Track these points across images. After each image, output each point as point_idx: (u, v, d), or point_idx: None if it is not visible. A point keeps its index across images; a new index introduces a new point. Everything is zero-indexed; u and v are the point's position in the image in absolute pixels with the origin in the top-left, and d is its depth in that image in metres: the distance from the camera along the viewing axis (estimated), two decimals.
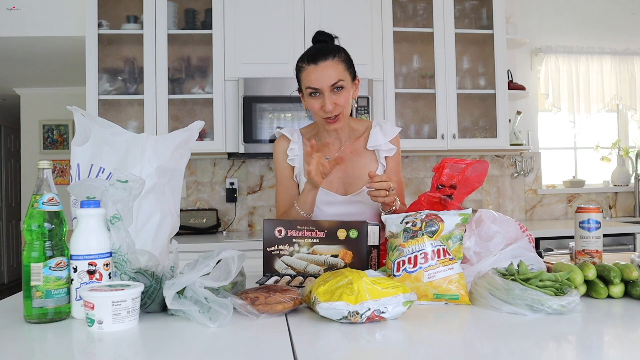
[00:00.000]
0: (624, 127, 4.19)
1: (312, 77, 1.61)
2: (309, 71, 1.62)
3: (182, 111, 3.40)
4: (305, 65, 1.63)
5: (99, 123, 1.37)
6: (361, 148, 1.75)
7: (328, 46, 1.66)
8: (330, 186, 1.70)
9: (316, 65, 1.61)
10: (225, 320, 1.05)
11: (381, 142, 1.74)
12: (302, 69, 1.64)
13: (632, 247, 3.20)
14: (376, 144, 1.74)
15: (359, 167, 1.72)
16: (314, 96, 1.63)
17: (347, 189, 1.72)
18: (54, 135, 5.63)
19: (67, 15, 3.33)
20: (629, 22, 4.07)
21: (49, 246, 1.10)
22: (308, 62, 1.62)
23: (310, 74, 1.61)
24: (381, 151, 1.74)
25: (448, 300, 1.21)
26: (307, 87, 1.63)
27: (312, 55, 1.62)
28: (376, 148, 1.74)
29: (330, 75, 1.60)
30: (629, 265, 1.27)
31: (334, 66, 1.61)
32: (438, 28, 3.38)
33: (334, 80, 1.60)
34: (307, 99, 1.66)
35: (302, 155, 1.73)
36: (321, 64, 1.60)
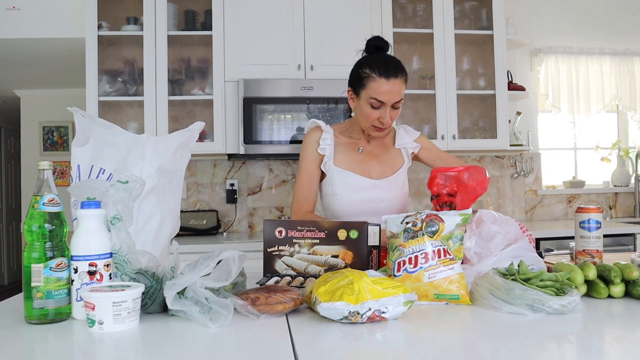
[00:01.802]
0: (623, 127, 4.19)
1: (382, 90, 1.69)
2: (379, 83, 1.70)
3: (182, 112, 3.40)
4: (375, 77, 1.70)
5: (100, 124, 1.37)
6: (389, 145, 1.93)
7: (397, 62, 1.75)
8: (365, 172, 1.84)
9: (387, 80, 1.69)
10: (226, 320, 1.05)
11: (407, 140, 1.92)
12: (371, 78, 1.71)
13: (632, 247, 3.20)
14: (403, 143, 1.92)
15: (388, 159, 1.90)
16: (374, 107, 1.72)
17: (379, 176, 1.86)
18: (54, 137, 5.63)
19: (67, 17, 3.33)
20: (629, 23, 4.07)
21: (49, 247, 1.10)
22: (379, 75, 1.70)
23: (380, 86, 1.69)
24: (408, 149, 1.92)
25: (449, 300, 1.21)
26: (372, 98, 1.71)
27: (385, 68, 1.70)
28: (403, 146, 1.92)
29: (397, 93, 1.71)
30: (629, 265, 1.27)
31: (400, 85, 1.72)
32: (438, 29, 3.38)
33: (398, 99, 1.72)
34: (364, 107, 1.74)
35: (333, 145, 1.84)
36: (392, 80, 1.69)
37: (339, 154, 1.84)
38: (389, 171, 1.87)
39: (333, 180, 1.83)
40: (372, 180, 1.83)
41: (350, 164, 1.83)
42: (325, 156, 1.83)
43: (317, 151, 1.84)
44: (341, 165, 1.83)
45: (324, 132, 1.85)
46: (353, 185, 1.81)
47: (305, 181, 1.85)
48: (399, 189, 1.87)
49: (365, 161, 1.85)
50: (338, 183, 1.82)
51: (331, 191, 1.84)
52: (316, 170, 1.86)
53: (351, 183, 1.81)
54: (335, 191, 1.82)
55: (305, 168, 1.86)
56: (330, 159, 1.83)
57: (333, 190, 1.83)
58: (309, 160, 1.86)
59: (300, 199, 1.85)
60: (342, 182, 1.81)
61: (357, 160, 1.85)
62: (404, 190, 1.90)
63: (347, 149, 1.86)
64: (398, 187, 1.86)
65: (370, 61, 1.73)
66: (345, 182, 1.81)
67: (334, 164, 1.83)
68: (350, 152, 1.86)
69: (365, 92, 1.72)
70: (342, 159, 1.84)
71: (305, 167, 1.86)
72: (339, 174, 1.82)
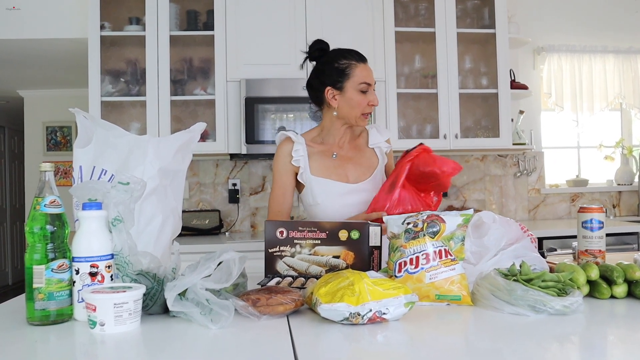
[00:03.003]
0: (627, 125, 4.17)
1: (366, 73, 1.76)
2: (361, 68, 1.76)
3: (185, 112, 3.41)
4: (356, 63, 1.76)
5: (101, 125, 1.37)
6: (362, 146, 1.91)
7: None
8: (342, 178, 1.83)
9: (365, 64, 1.78)
10: (227, 321, 1.05)
11: (380, 140, 1.92)
12: (352, 65, 1.76)
13: (636, 246, 3.18)
14: (376, 142, 1.91)
15: (363, 161, 1.88)
16: (364, 91, 1.76)
17: (356, 180, 1.84)
18: (58, 137, 5.65)
19: (70, 17, 3.34)
20: (632, 21, 4.06)
21: (51, 248, 1.11)
22: (358, 60, 1.77)
23: (363, 70, 1.76)
24: (382, 147, 1.91)
25: (450, 301, 1.21)
26: (362, 82, 1.75)
27: (357, 54, 1.79)
28: (377, 145, 1.91)
29: (372, 73, 1.80)
30: (632, 265, 1.26)
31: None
32: (440, 28, 3.37)
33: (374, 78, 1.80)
34: (354, 96, 1.76)
35: (306, 155, 1.82)
36: (367, 64, 1.79)
37: (314, 162, 1.82)
38: (366, 173, 1.85)
39: (312, 190, 1.81)
40: (350, 185, 1.81)
41: (326, 170, 1.81)
42: (301, 167, 1.81)
43: (290, 163, 1.82)
44: (318, 173, 1.81)
45: (295, 143, 1.82)
46: (332, 192, 1.79)
47: (278, 194, 1.84)
48: (378, 189, 1.79)
49: (341, 166, 1.83)
50: (317, 192, 1.80)
51: (312, 201, 1.82)
52: (290, 183, 1.84)
53: (330, 190, 1.79)
54: (316, 200, 1.80)
55: (278, 181, 1.85)
56: (306, 169, 1.81)
57: (314, 199, 1.81)
58: (281, 173, 1.84)
59: (274, 212, 1.85)
60: (321, 190, 1.79)
61: (333, 166, 1.82)
62: None
63: (321, 157, 1.83)
64: (377, 188, 1.79)
65: (340, 53, 1.79)
66: (324, 189, 1.79)
67: (310, 173, 1.80)
68: (325, 159, 1.83)
69: (351, 82, 1.75)
70: (317, 167, 1.81)
71: (278, 180, 1.85)
72: (317, 183, 1.80)
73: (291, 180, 1.84)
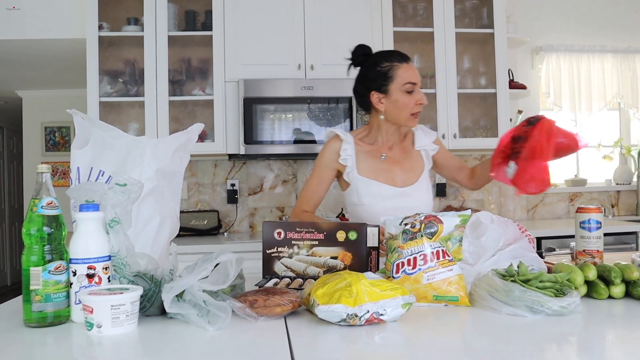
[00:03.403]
0: (625, 125, 4.17)
1: (410, 73, 1.75)
2: (405, 68, 1.75)
3: (183, 113, 3.40)
4: (398, 64, 1.75)
5: (99, 126, 1.37)
6: (409, 148, 1.90)
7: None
8: (390, 181, 1.82)
9: (408, 63, 1.76)
10: (224, 323, 1.05)
11: (426, 142, 1.91)
12: (395, 66, 1.75)
13: (634, 245, 3.19)
14: (422, 144, 1.90)
15: (411, 164, 1.88)
16: (410, 92, 1.74)
17: (403, 184, 1.84)
18: (56, 138, 5.65)
19: (68, 18, 3.33)
20: (631, 20, 4.05)
21: (48, 250, 1.11)
22: (400, 61, 1.76)
23: (407, 70, 1.75)
24: (428, 150, 1.91)
25: (447, 302, 1.21)
26: (407, 83, 1.74)
27: (399, 55, 1.78)
28: (423, 148, 1.90)
29: (418, 72, 1.78)
30: (629, 265, 1.27)
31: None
32: (438, 28, 3.37)
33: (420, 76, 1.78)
34: (400, 98, 1.75)
35: (354, 154, 1.83)
36: (410, 63, 1.77)
37: (362, 162, 1.83)
38: (413, 177, 1.85)
39: (358, 190, 1.81)
40: (397, 189, 1.81)
41: (374, 172, 1.82)
42: (348, 166, 1.82)
43: (336, 161, 1.83)
44: (365, 174, 1.81)
45: (343, 141, 1.83)
46: (379, 194, 1.80)
47: (314, 183, 1.87)
48: (423, 193, 1.85)
49: (389, 169, 1.83)
50: (364, 192, 1.81)
51: (357, 201, 1.82)
52: (328, 177, 1.86)
53: (377, 192, 1.80)
54: (362, 201, 1.81)
55: (318, 173, 1.87)
56: (354, 169, 1.82)
57: (359, 200, 1.81)
58: (323, 166, 1.86)
59: (304, 199, 1.87)
60: (367, 191, 1.80)
61: (381, 168, 1.83)
62: (430, 194, 1.88)
63: (370, 157, 1.84)
64: (423, 192, 1.84)
65: (380, 57, 1.78)
66: (371, 191, 1.80)
67: (358, 173, 1.81)
68: (373, 160, 1.84)
69: (395, 83, 1.75)
70: (365, 168, 1.82)
71: (318, 172, 1.87)
72: (363, 184, 1.81)
73: (331, 176, 1.86)
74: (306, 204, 1.86)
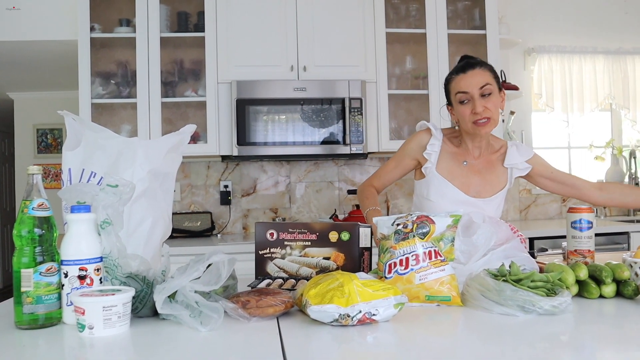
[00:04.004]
0: (617, 126, 4.20)
1: (462, 83, 1.71)
2: (457, 79, 1.73)
3: (176, 114, 3.40)
4: (454, 76, 1.75)
5: (90, 127, 1.36)
6: (496, 162, 1.85)
7: (476, 59, 1.77)
8: (464, 187, 1.80)
9: (465, 73, 1.72)
10: (217, 324, 1.05)
11: (518, 160, 1.83)
12: (451, 79, 1.76)
13: (626, 245, 3.20)
14: (513, 162, 1.83)
15: (492, 178, 1.83)
16: (464, 103, 1.71)
17: (476, 195, 1.81)
18: (48, 139, 5.62)
19: (60, 19, 3.32)
20: (622, 22, 4.08)
21: (39, 252, 1.10)
22: (456, 73, 1.74)
23: (459, 81, 1.72)
24: (515, 170, 1.85)
25: (440, 301, 1.21)
26: (457, 93, 1.72)
27: (461, 67, 1.74)
28: (512, 166, 1.84)
29: (478, 80, 1.69)
30: (620, 265, 1.28)
31: (481, 73, 1.71)
32: (431, 29, 3.38)
33: (482, 83, 1.69)
34: (457, 108, 1.75)
35: (439, 151, 1.83)
36: (469, 72, 1.71)
37: (443, 161, 1.83)
38: (488, 191, 1.81)
39: (430, 185, 1.82)
40: (468, 197, 1.79)
41: (451, 174, 1.81)
42: (429, 161, 1.82)
43: (420, 153, 1.84)
44: (442, 172, 1.81)
45: (432, 137, 1.84)
46: (448, 196, 1.79)
47: (391, 166, 1.92)
48: (493, 210, 1.81)
49: (467, 176, 1.81)
50: (434, 190, 1.81)
51: (426, 195, 1.83)
52: (407, 165, 1.89)
53: (447, 194, 1.79)
54: (429, 197, 1.82)
55: (398, 157, 1.91)
56: (434, 164, 1.82)
57: (428, 195, 1.82)
58: (405, 153, 1.89)
59: (376, 176, 1.94)
60: (438, 190, 1.80)
61: (460, 172, 1.81)
62: (499, 212, 1.85)
63: (452, 159, 1.83)
64: (492, 209, 1.80)
65: (450, 71, 1.80)
66: (442, 191, 1.80)
67: (436, 169, 1.81)
68: (455, 162, 1.83)
69: (452, 96, 1.76)
70: (444, 167, 1.82)
71: (399, 157, 1.91)
72: (437, 181, 1.81)
73: (409, 164, 1.89)
74: (377, 180, 1.93)
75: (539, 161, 1.88)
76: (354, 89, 3.14)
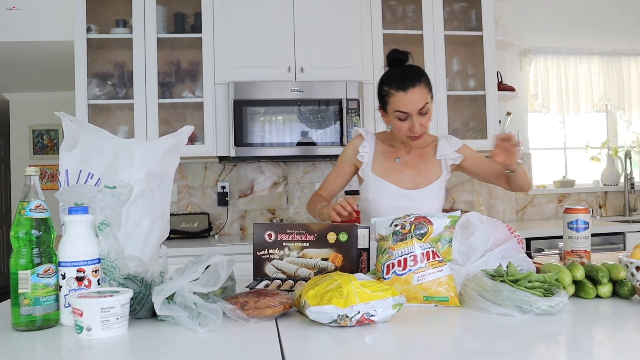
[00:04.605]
0: (612, 127, 4.21)
1: (402, 102, 1.74)
2: (398, 97, 1.74)
3: (173, 115, 3.39)
4: (394, 92, 1.75)
5: (87, 129, 1.36)
6: (429, 155, 1.94)
7: (413, 71, 1.78)
8: (398, 182, 1.88)
9: (405, 92, 1.73)
10: (215, 325, 1.05)
11: (448, 151, 1.92)
12: (391, 94, 1.76)
13: (622, 246, 3.21)
14: (444, 153, 1.92)
15: (426, 170, 1.91)
16: (402, 119, 1.76)
17: (412, 186, 1.89)
18: (44, 141, 5.60)
19: (56, 20, 3.31)
20: (617, 23, 4.10)
21: (36, 253, 1.10)
22: (397, 89, 1.74)
23: (399, 99, 1.74)
24: (448, 159, 1.93)
25: (438, 302, 1.22)
26: (396, 111, 1.76)
27: (401, 81, 1.74)
28: (444, 157, 1.93)
29: (418, 100, 1.74)
30: (616, 265, 1.28)
31: (421, 91, 1.74)
32: (427, 30, 3.39)
33: (422, 105, 1.74)
34: (393, 120, 1.80)
35: (372, 153, 1.92)
36: (410, 91, 1.73)
37: (377, 162, 1.91)
38: (423, 182, 1.89)
39: (368, 187, 1.90)
40: (404, 190, 1.87)
41: (385, 172, 1.89)
42: (364, 163, 1.91)
43: (355, 157, 1.93)
44: (377, 172, 1.89)
45: (364, 140, 1.93)
46: (385, 192, 1.87)
47: (333, 175, 2.00)
48: (431, 200, 1.88)
49: (401, 170, 1.89)
50: (371, 189, 1.89)
51: (365, 196, 1.92)
52: (346, 171, 1.97)
53: (382, 190, 1.87)
54: (368, 197, 1.90)
55: (338, 166, 2.00)
56: (369, 166, 1.91)
57: (367, 195, 1.91)
58: (343, 161, 1.98)
59: (321, 186, 2.02)
60: (375, 188, 1.88)
61: (394, 169, 1.89)
62: (438, 201, 1.92)
63: (386, 157, 1.92)
64: (431, 199, 1.88)
65: (387, 78, 1.80)
66: (378, 189, 1.88)
67: (371, 170, 1.90)
68: (388, 160, 1.91)
69: (390, 108, 1.78)
70: (379, 167, 1.90)
71: (338, 166, 1.99)
72: (373, 181, 1.89)
73: (349, 171, 1.97)
74: (322, 191, 1.99)
75: (468, 152, 1.95)
76: (351, 90, 3.14)
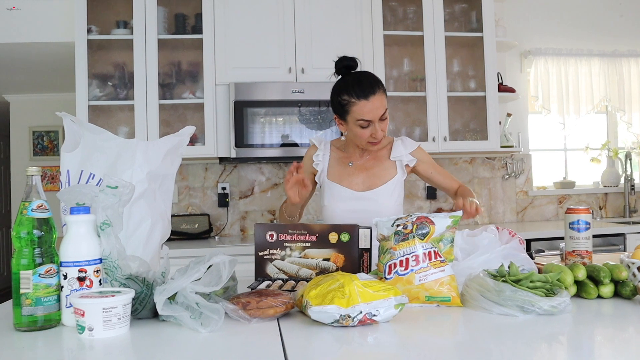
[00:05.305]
0: (613, 128, 4.22)
1: (365, 110, 1.75)
2: (360, 106, 1.75)
3: (173, 116, 3.39)
4: (355, 100, 1.76)
5: (89, 129, 1.36)
6: (383, 157, 1.96)
7: (370, 78, 1.79)
8: (351, 185, 1.91)
9: (367, 100, 1.75)
10: (217, 325, 1.05)
11: (402, 153, 1.95)
12: (352, 103, 1.77)
13: (622, 247, 3.21)
14: (397, 155, 1.94)
15: (379, 172, 1.94)
16: (363, 127, 1.78)
17: (365, 188, 1.91)
18: (44, 142, 5.60)
19: (57, 21, 3.31)
20: (617, 24, 4.11)
21: (38, 253, 1.10)
22: (358, 97, 1.75)
23: (362, 108, 1.75)
24: (403, 161, 1.95)
25: (440, 302, 1.22)
26: (359, 120, 1.76)
27: (361, 89, 1.76)
28: (398, 159, 1.95)
29: (379, 107, 1.76)
30: (618, 265, 1.28)
31: (380, 99, 1.77)
32: (428, 31, 3.39)
33: (383, 111, 1.77)
34: (354, 129, 1.80)
35: (326, 160, 1.96)
36: (372, 98, 1.75)
37: (332, 168, 1.95)
38: (377, 183, 1.91)
39: (324, 192, 1.95)
40: (357, 192, 1.90)
41: (339, 176, 1.93)
42: (319, 170, 1.96)
43: (311, 166, 1.97)
44: (332, 178, 1.94)
45: (318, 149, 1.98)
46: (339, 196, 1.91)
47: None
48: (386, 199, 1.90)
49: (354, 174, 1.93)
50: (327, 194, 1.94)
51: (322, 202, 1.97)
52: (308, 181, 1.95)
53: (337, 194, 1.91)
54: (324, 202, 1.95)
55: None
56: (324, 172, 1.96)
57: (323, 201, 1.96)
58: (304, 171, 1.95)
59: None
60: (330, 193, 1.93)
61: (347, 173, 1.93)
62: (393, 200, 1.92)
63: (339, 163, 1.96)
64: (386, 198, 1.90)
65: (345, 87, 1.79)
66: (332, 193, 1.92)
67: (326, 177, 1.95)
68: (342, 165, 1.95)
69: (350, 117, 1.78)
70: (333, 173, 1.94)
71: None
72: (328, 186, 1.94)
73: (310, 179, 1.97)
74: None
75: (422, 157, 1.98)
76: None
